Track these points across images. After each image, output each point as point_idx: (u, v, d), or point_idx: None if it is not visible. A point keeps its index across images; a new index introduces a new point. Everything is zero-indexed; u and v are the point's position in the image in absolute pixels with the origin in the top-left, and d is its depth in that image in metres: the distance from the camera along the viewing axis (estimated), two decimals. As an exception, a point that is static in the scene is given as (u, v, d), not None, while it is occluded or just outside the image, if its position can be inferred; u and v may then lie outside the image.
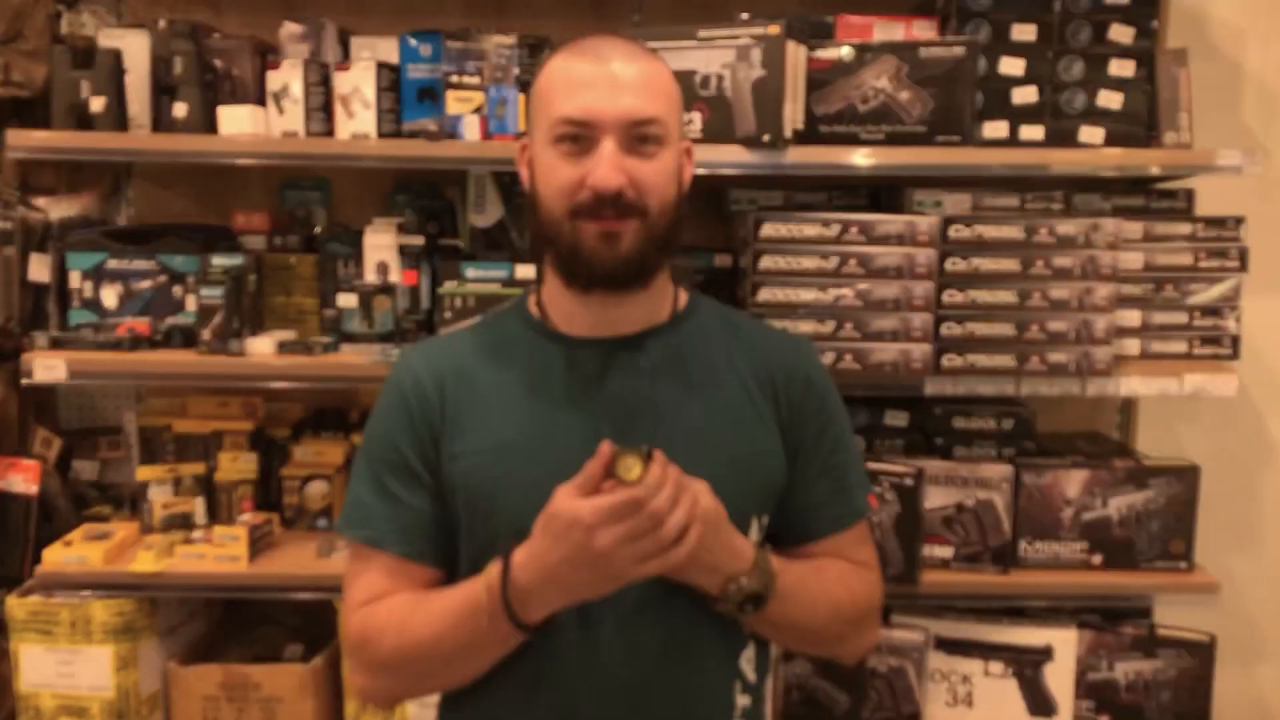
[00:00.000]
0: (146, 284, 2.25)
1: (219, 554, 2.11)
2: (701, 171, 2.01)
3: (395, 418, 1.30)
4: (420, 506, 1.29)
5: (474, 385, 1.29)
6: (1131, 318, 2.19)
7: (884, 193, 2.36)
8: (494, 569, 1.18)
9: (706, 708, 1.29)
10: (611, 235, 1.21)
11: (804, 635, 1.29)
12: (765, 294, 2.06)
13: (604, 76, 1.21)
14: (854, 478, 1.38)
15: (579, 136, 1.21)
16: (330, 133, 2.13)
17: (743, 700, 1.31)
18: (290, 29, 2.18)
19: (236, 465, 2.31)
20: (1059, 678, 2.17)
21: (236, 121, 2.09)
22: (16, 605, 2.10)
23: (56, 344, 2.12)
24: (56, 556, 2.10)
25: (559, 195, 1.22)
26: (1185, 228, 2.20)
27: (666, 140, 1.24)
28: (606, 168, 1.19)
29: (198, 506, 2.25)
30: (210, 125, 2.11)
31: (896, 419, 2.25)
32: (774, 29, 1.97)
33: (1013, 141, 2.14)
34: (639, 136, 1.21)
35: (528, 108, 1.30)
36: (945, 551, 2.16)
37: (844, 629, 1.33)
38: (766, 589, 1.22)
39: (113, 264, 2.25)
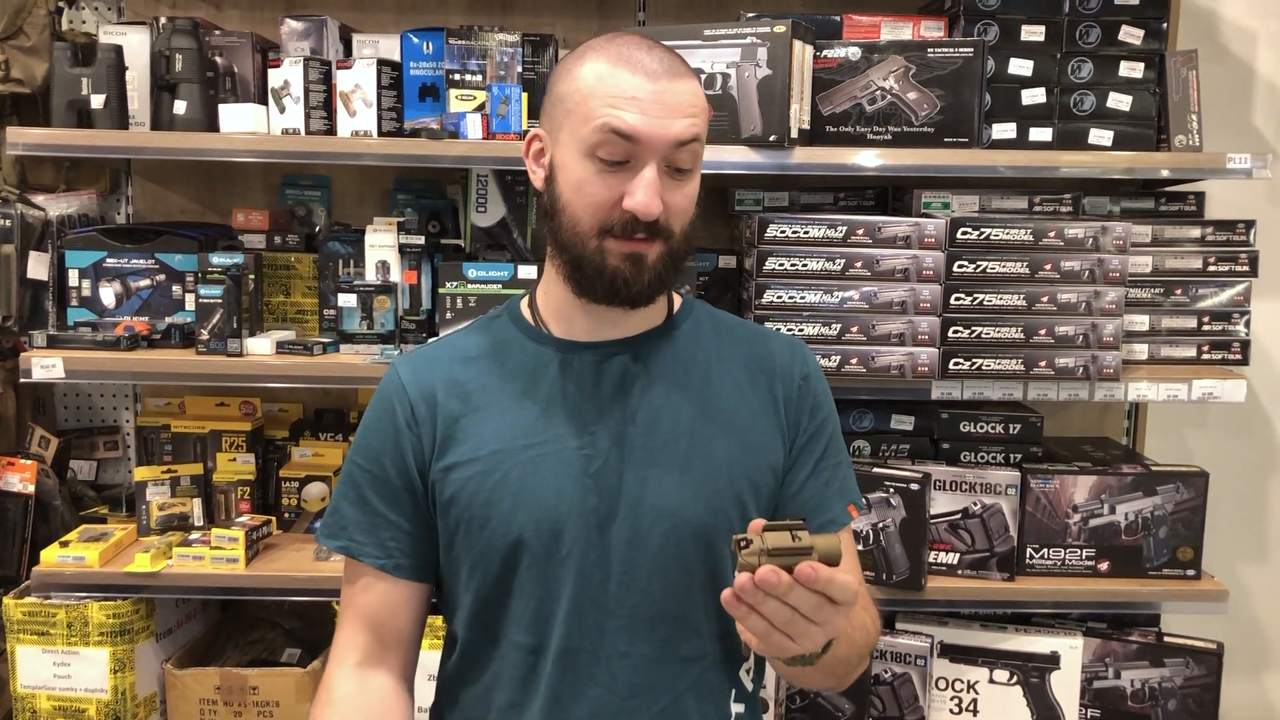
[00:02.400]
0: (145, 283, 2.24)
1: (216, 555, 2.09)
2: (706, 171, 1.99)
3: (380, 432, 1.29)
4: (400, 521, 1.28)
5: (466, 395, 1.27)
6: (1140, 322, 2.17)
7: (891, 194, 2.35)
8: None
9: (703, 717, 1.27)
10: (638, 258, 1.19)
11: (834, 668, 1.22)
12: (770, 296, 2.04)
13: (653, 94, 1.15)
14: (840, 484, 1.34)
15: (620, 154, 1.16)
16: (331, 131, 2.12)
17: (737, 708, 1.30)
18: (291, 26, 2.17)
19: (234, 466, 2.29)
20: (1065, 686, 2.15)
21: (237, 119, 2.07)
22: (13, 606, 2.09)
23: (54, 342, 2.11)
24: (53, 557, 2.09)
25: (590, 212, 1.18)
26: (1195, 231, 2.19)
27: (697, 161, 1.22)
28: (649, 194, 1.15)
29: (195, 507, 2.24)
30: (210, 123, 2.10)
31: (902, 423, 2.23)
32: (780, 28, 1.95)
33: (1021, 143, 2.13)
34: (678, 159, 1.18)
35: (549, 105, 1.24)
36: (951, 557, 2.14)
37: (865, 653, 1.28)
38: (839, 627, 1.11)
39: (111, 262, 2.23)
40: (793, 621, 1.00)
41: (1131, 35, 2.14)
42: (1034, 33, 2.12)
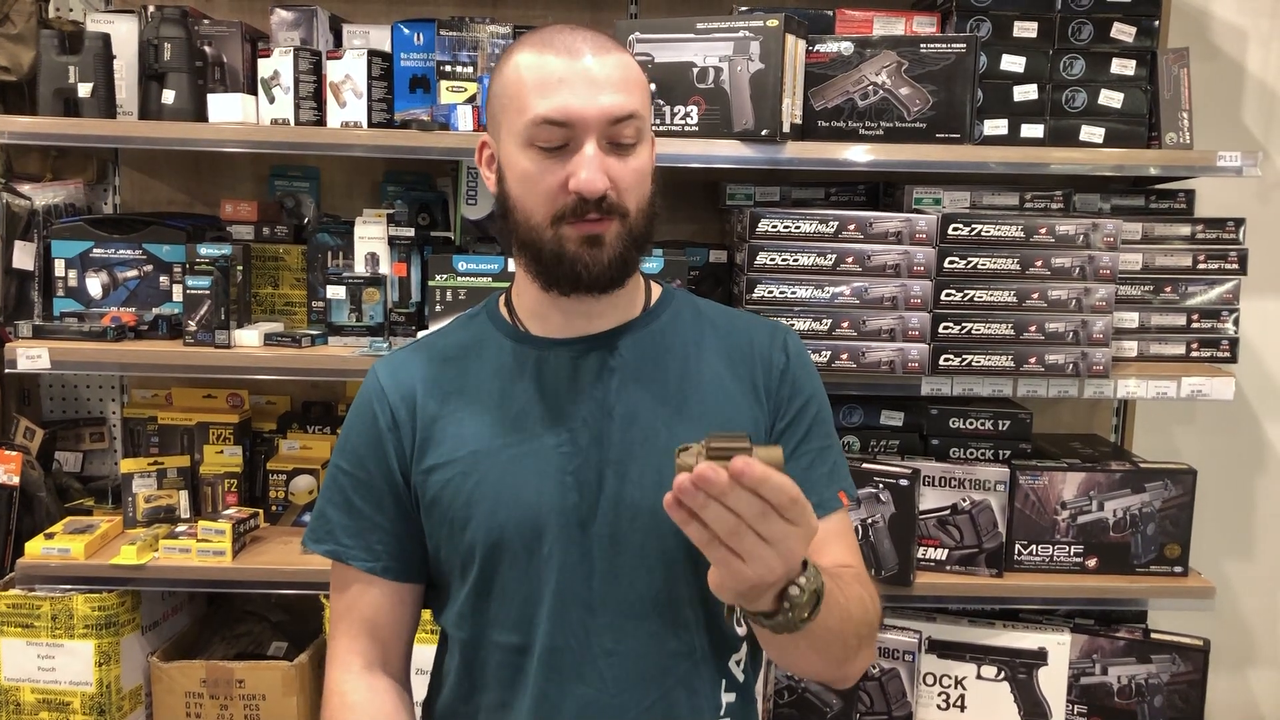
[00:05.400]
0: (132, 273, 2.22)
1: (203, 548, 2.08)
2: (698, 165, 2.00)
3: (363, 436, 1.28)
4: (386, 524, 1.27)
5: (445, 395, 1.26)
6: (1129, 319, 2.18)
7: (882, 189, 2.35)
8: None
9: (693, 710, 1.26)
10: (595, 238, 1.17)
11: (828, 644, 1.15)
12: (761, 291, 2.04)
13: (579, 72, 1.14)
14: (829, 469, 1.30)
15: (557, 138, 1.15)
16: (321, 121, 2.11)
17: (728, 698, 1.29)
18: (281, 15, 2.15)
19: (221, 458, 2.28)
20: (1052, 681, 2.16)
21: (226, 109, 2.06)
22: (-4, 598, 2.08)
23: (40, 333, 2.09)
24: (37, 549, 2.08)
25: (540, 202, 1.17)
26: (1184, 229, 2.19)
27: (643, 136, 1.20)
28: (592, 170, 1.14)
29: (181, 500, 2.23)
30: (199, 112, 2.09)
31: (892, 419, 2.23)
32: (773, 22, 1.95)
33: (1013, 139, 2.13)
34: (618, 135, 1.16)
35: (489, 108, 1.24)
36: (939, 553, 2.14)
37: (862, 632, 1.22)
38: (823, 585, 1.05)
39: (98, 252, 2.22)
40: (738, 533, 0.93)
41: (1123, 32, 2.14)
42: (1026, 29, 2.12)
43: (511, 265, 2.06)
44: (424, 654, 1.36)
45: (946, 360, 2.05)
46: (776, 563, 0.96)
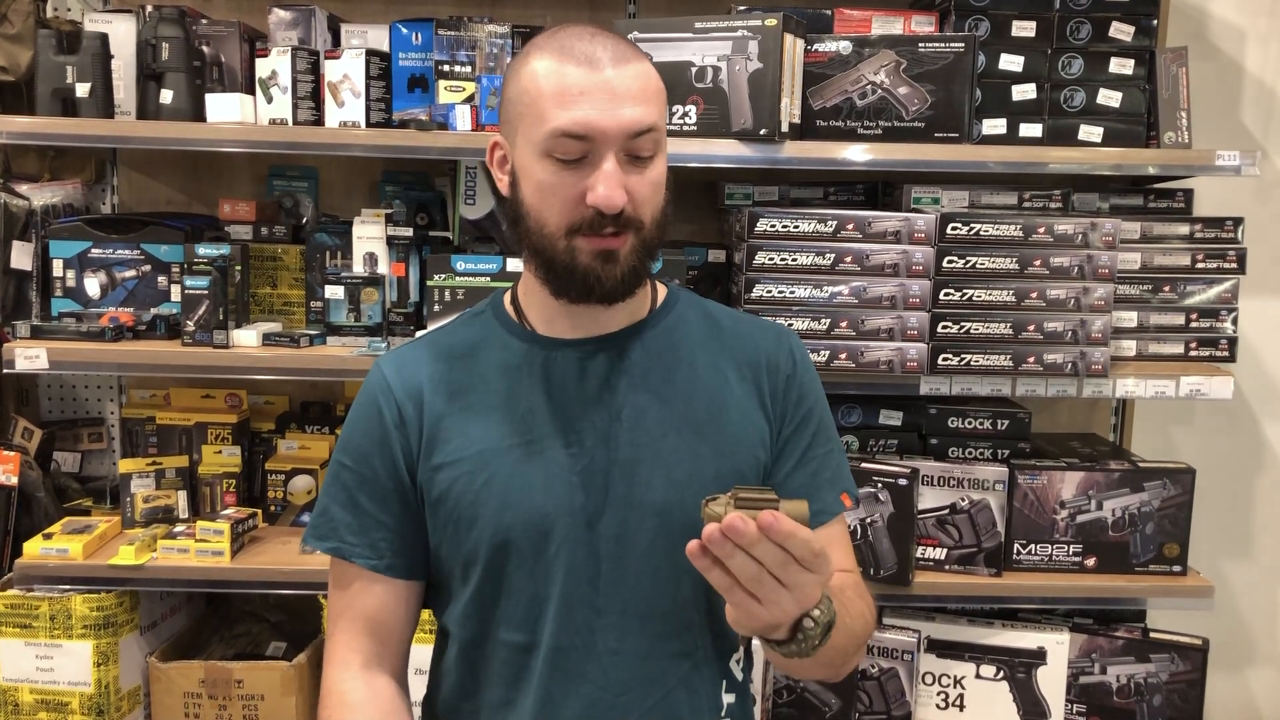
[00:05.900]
0: (130, 273, 2.22)
1: (201, 548, 2.08)
2: (697, 165, 2.00)
3: (368, 433, 1.27)
4: (390, 521, 1.27)
5: (451, 394, 1.26)
6: (1128, 318, 2.18)
7: (881, 189, 2.35)
8: None
9: (694, 710, 1.26)
10: (610, 254, 1.17)
11: (831, 659, 1.17)
12: (759, 290, 2.04)
13: (600, 84, 1.13)
14: (832, 473, 1.33)
15: (576, 151, 1.14)
16: (319, 121, 2.11)
17: (728, 698, 1.30)
18: (279, 15, 2.15)
19: (220, 459, 2.28)
20: (1051, 681, 2.16)
21: (224, 109, 2.06)
22: (-6, 598, 2.08)
23: (38, 333, 2.09)
24: (36, 549, 2.07)
25: (556, 213, 1.16)
26: (1183, 228, 2.19)
27: (660, 146, 1.19)
28: (611, 187, 1.13)
29: (180, 500, 2.23)
30: (197, 112, 2.08)
31: (890, 418, 2.23)
32: (771, 21, 1.95)
33: (1011, 139, 2.13)
34: (636, 148, 1.15)
35: (503, 109, 1.23)
36: (938, 553, 2.14)
37: (862, 643, 1.26)
38: (835, 616, 1.08)
39: (96, 253, 2.22)
40: (759, 580, 0.97)
41: (1122, 32, 2.14)
42: (1025, 28, 2.12)
43: (510, 265, 2.06)
44: (423, 653, 1.36)
45: (945, 360, 2.05)
46: (792, 606, 1.01)
